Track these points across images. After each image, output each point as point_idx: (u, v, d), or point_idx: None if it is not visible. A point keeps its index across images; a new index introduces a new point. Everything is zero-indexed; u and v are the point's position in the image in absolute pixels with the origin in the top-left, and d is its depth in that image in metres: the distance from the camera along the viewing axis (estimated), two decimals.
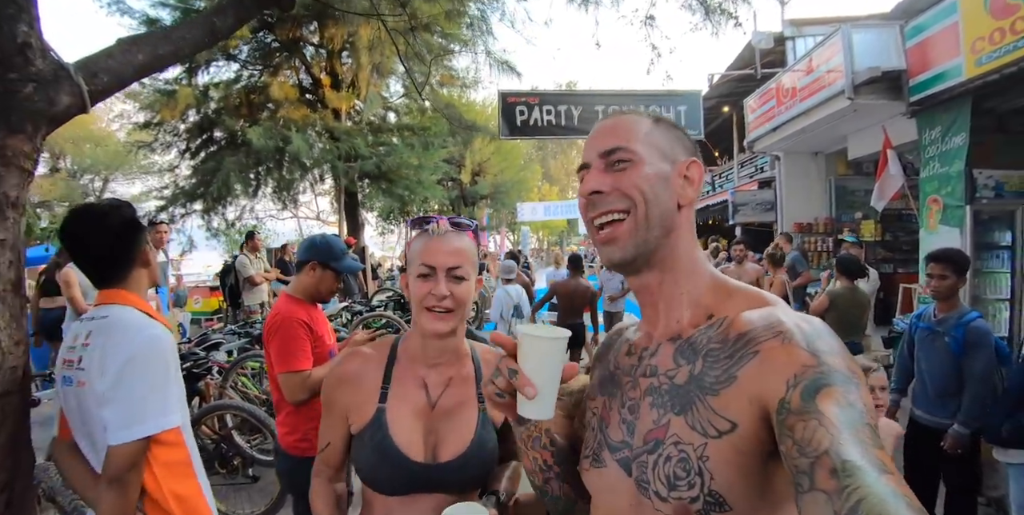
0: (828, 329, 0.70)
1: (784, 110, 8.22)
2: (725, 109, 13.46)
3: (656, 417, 0.76)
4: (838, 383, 0.59)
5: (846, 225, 8.80)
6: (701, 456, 0.68)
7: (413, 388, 1.18)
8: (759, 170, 11.66)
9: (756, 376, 0.67)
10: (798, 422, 0.58)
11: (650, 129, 0.82)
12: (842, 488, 0.49)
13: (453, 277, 1.14)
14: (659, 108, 10.45)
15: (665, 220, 0.79)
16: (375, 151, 10.28)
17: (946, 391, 2.85)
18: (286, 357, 1.99)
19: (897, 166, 6.20)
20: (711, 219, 16.21)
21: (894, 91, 6.28)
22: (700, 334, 0.77)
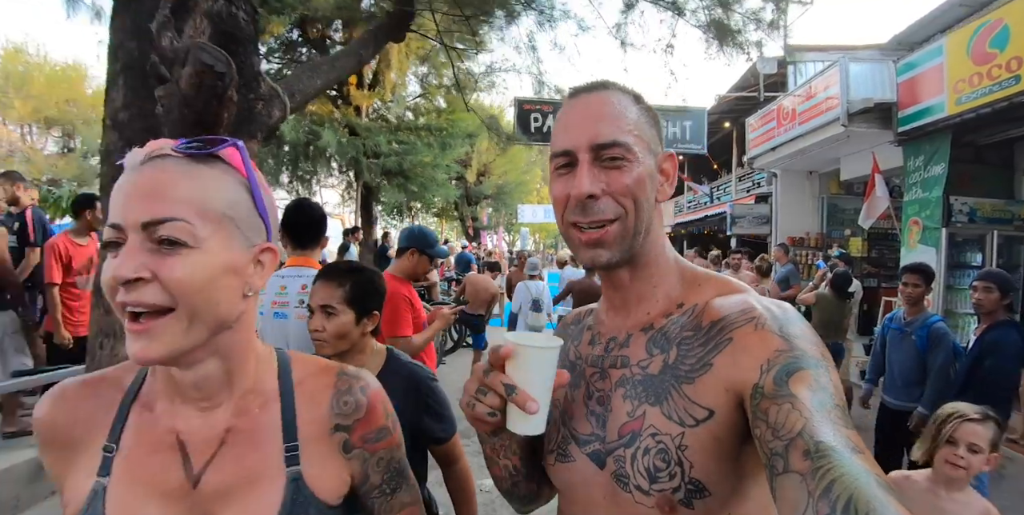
0: (798, 314, 0.71)
1: (783, 131, 8.82)
2: (726, 124, 14.08)
3: (630, 409, 0.74)
4: (810, 367, 0.61)
5: (835, 240, 9.41)
6: (680, 446, 0.68)
7: (158, 452, 0.68)
8: (756, 184, 12.27)
9: (731, 362, 0.67)
10: (772, 406, 0.59)
11: (638, 114, 0.77)
12: (815, 468, 0.50)
13: (160, 240, 0.60)
14: (666, 123, 11.05)
15: (648, 221, 0.78)
16: (394, 149, 10.81)
17: (911, 381, 3.44)
18: (393, 325, 2.54)
19: (884, 189, 6.81)
20: (707, 229, 16.87)
21: (884, 121, 6.89)
22: (672, 323, 0.77)
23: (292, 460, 0.71)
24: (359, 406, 0.78)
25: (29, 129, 18.92)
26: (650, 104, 0.81)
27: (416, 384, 1.54)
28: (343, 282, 1.53)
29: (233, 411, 0.72)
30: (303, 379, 0.77)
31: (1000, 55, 5.11)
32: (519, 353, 0.70)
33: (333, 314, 1.50)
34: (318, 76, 2.06)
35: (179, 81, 1.10)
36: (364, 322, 1.56)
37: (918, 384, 3.38)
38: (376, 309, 1.60)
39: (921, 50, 6.45)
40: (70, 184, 18.23)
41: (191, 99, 1.12)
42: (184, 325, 0.61)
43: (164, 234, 0.59)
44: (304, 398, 0.76)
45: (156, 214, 0.60)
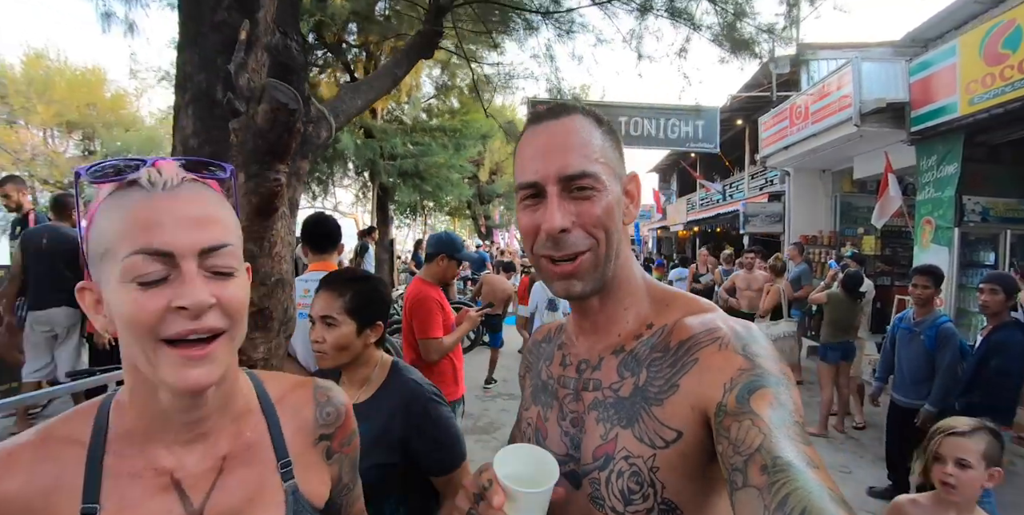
0: (761, 333, 0.73)
1: (796, 131, 8.86)
2: (738, 122, 14.10)
3: (603, 432, 0.76)
4: (771, 385, 0.63)
5: (848, 239, 9.43)
6: (651, 467, 0.70)
7: (151, 496, 0.63)
8: (769, 182, 12.29)
9: (696, 383, 0.69)
10: (733, 423, 0.60)
11: (602, 140, 0.77)
12: (771, 483, 0.52)
13: (215, 272, 0.61)
14: (679, 122, 11.13)
15: (620, 247, 0.78)
16: (410, 150, 11.00)
17: (920, 379, 3.55)
18: (425, 328, 2.70)
19: (897, 189, 6.86)
20: (719, 227, 16.91)
21: (897, 121, 6.93)
22: (642, 345, 0.78)
23: (287, 475, 0.72)
24: (339, 415, 0.83)
25: (51, 133, 19.29)
26: (610, 124, 0.80)
27: (408, 403, 1.40)
28: (343, 292, 1.45)
29: (228, 437, 0.70)
30: (282, 396, 0.78)
31: (1012, 56, 5.15)
32: (513, 496, 0.67)
33: (333, 325, 1.42)
34: (359, 96, 2.21)
35: (255, 116, 1.25)
36: (367, 333, 1.47)
37: (926, 382, 3.49)
38: (380, 319, 1.52)
39: (934, 50, 6.49)
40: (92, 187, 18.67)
41: (265, 132, 1.27)
42: (232, 346, 0.63)
43: (220, 262, 0.60)
44: (288, 414, 0.77)
45: (215, 241, 0.60)
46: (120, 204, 0.59)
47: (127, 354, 0.61)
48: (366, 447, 0.95)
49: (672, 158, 20.28)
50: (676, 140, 11.38)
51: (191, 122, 1.52)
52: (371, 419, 1.32)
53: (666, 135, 11.30)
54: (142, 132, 20.66)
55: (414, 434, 1.37)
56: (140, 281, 0.56)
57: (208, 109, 1.51)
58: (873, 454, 4.60)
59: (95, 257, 0.60)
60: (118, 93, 20.98)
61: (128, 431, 0.64)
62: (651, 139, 11.22)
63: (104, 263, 0.58)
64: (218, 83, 1.51)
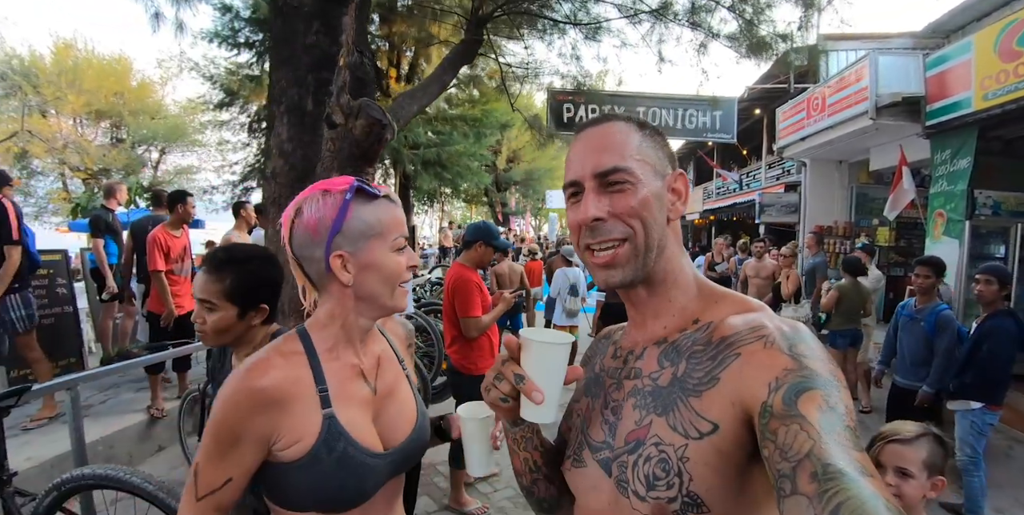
0: (811, 334, 0.71)
1: (813, 122, 8.97)
2: (756, 111, 14.15)
3: (638, 418, 0.76)
4: (819, 386, 0.60)
5: (863, 230, 9.54)
6: (681, 457, 0.69)
7: (351, 380, 1.02)
8: (786, 172, 12.39)
9: (738, 378, 0.68)
10: (780, 426, 0.58)
11: (640, 141, 0.81)
12: (822, 491, 0.50)
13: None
14: (696, 112, 11.28)
15: (660, 240, 0.80)
16: (432, 139, 11.29)
17: (919, 362, 3.81)
18: (466, 307, 3.02)
19: (910, 181, 6.99)
20: (735, 216, 17.02)
21: (913, 114, 7.02)
22: (685, 338, 0.78)
23: (403, 368, 1.16)
24: (411, 331, 1.40)
25: (80, 121, 19.77)
26: (656, 129, 0.85)
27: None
28: (222, 275, 1.40)
29: (374, 345, 1.11)
30: (383, 324, 1.22)
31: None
32: (528, 347, 0.78)
33: (213, 309, 1.39)
34: (415, 102, 2.49)
35: (352, 129, 1.53)
36: (250, 315, 1.43)
37: (925, 365, 3.75)
38: (266, 300, 1.46)
39: (950, 45, 6.60)
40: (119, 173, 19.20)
41: (361, 141, 1.55)
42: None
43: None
44: (392, 334, 1.22)
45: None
46: (382, 208, 0.99)
47: (374, 292, 0.99)
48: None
49: (689, 147, 20.31)
50: (694, 130, 11.55)
51: (285, 129, 1.81)
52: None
53: (684, 125, 11.47)
54: (168, 120, 21.08)
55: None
56: (398, 249, 1.00)
57: (300, 118, 1.80)
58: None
59: (356, 235, 0.96)
60: (144, 82, 21.37)
61: (331, 344, 1.01)
62: (669, 129, 11.38)
63: (369, 240, 0.97)
64: (308, 97, 1.80)
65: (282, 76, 1.80)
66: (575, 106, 11.27)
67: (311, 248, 0.96)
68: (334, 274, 0.96)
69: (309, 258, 0.97)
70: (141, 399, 4.62)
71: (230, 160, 16.24)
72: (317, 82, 1.78)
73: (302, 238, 0.97)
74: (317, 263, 0.97)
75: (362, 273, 0.98)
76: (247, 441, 0.91)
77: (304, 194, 0.98)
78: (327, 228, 0.95)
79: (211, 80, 12.14)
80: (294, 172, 1.82)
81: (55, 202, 19.64)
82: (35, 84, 17.64)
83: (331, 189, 0.96)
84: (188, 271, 4.70)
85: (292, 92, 1.79)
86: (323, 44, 1.76)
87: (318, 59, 1.77)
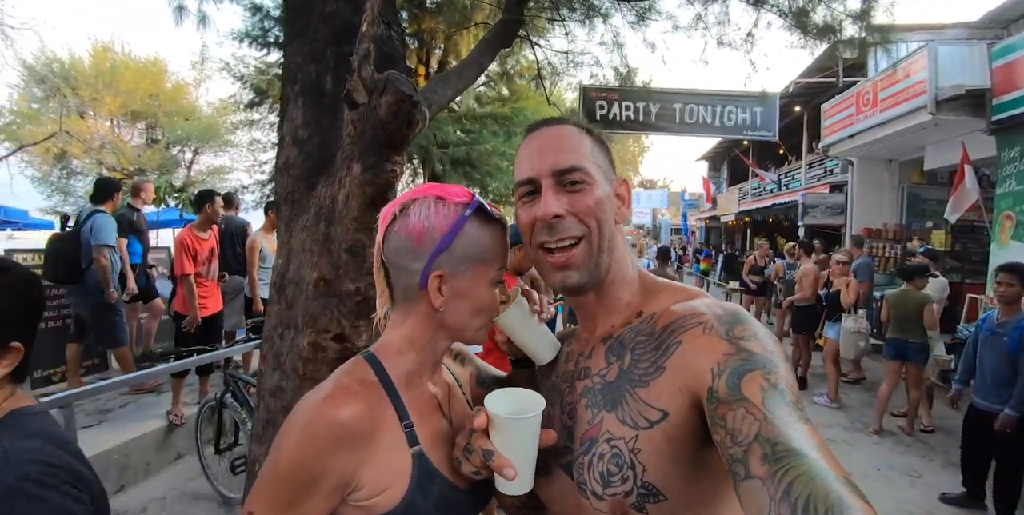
0: (746, 314, 0.73)
1: (863, 118, 8.49)
2: (796, 108, 13.63)
3: (591, 417, 0.77)
4: (759, 367, 0.62)
5: (915, 233, 9.01)
6: (633, 449, 0.70)
7: (431, 412, 0.90)
8: (828, 172, 11.87)
9: (682, 365, 0.69)
10: (727, 411, 0.59)
11: (592, 146, 0.83)
12: (774, 472, 0.51)
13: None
14: (736, 109, 10.83)
15: (611, 241, 0.81)
16: (461, 138, 11.07)
17: (1001, 382, 3.40)
18: None
19: (974, 181, 6.51)
20: (771, 217, 16.43)
21: (976, 108, 6.54)
22: (629, 330, 0.80)
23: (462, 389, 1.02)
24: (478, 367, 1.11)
25: (117, 122, 20.19)
26: (602, 137, 0.86)
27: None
28: None
29: (442, 373, 0.98)
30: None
31: None
32: (497, 422, 0.73)
33: None
34: (448, 87, 2.23)
35: (376, 108, 1.28)
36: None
37: (1008, 386, 3.35)
38: (15, 338, 0.97)
39: (1021, 33, 6.09)
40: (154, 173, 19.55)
41: (387, 123, 1.29)
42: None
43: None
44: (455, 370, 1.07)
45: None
46: (495, 234, 0.87)
47: (460, 323, 0.86)
48: None
49: (724, 146, 19.79)
50: (733, 128, 11.08)
51: (300, 113, 1.57)
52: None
53: (722, 122, 11.01)
54: (202, 121, 21.39)
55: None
56: (497, 282, 0.87)
57: (317, 100, 1.55)
58: (943, 459, 4.44)
59: (462, 257, 0.83)
60: (178, 83, 21.77)
61: (407, 372, 0.87)
62: (707, 127, 10.95)
63: (473, 265, 0.84)
64: (328, 74, 1.56)
65: (297, 50, 1.56)
66: (608, 103, 10.93)
67: (409, 257, 0.84)
68: (426, 293, 0.84)
69: (402, 268, 0.85)
70: (162, 403, 4.48)
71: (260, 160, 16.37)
72: (337, 57, 1.54)
73: (402, 242, 0.84)
74: (410, 276, 0.85)
75: (455, 299, 0.85)
76: (325, 485, 0.76)
77: (413, 194, 0.86)
78: (434, 241, 0.83)
79: (241, 80, 12.19)
80: (310, 162, 1.58)
81: None
82: (74, 86, 18.08)
83: (447, 197, 0.84)
84: (215, 273, 4.58)
85: (308, 69, 1.54)
86: (344, 13, 1.52)
87: (338, 30, 1.52)
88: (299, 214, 1.63)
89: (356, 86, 1.26)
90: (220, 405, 3.42)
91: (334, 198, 1.52)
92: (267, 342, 1.73)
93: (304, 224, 1.60)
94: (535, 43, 4.09)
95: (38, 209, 18.92)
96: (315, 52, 1.54)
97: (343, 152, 1.42)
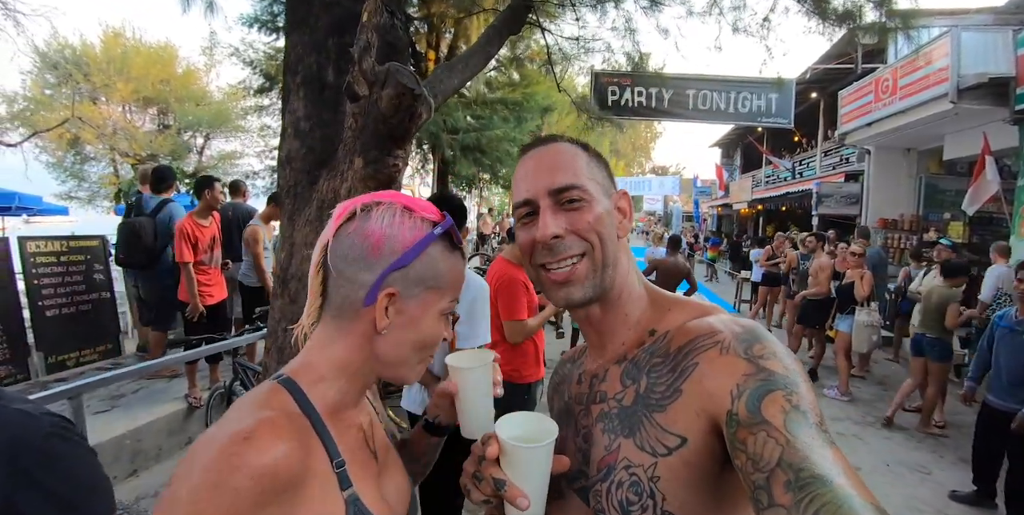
0: (764, 331, 0.71)
1: (882, 106, 8.30)
2: (812, 95, 13.37)
3: (607, 443, 0.75)
4: (780, 387, 0.60)
5: (932, 224, 8.84)
6: (652, 477, 0.68)
7: (359, 448, 0.81)
8: (844, 160, 11.67)
9: (700, 388, 0.67)
10: (748, 435, 0.58)
11: (588, 162, 0.82)
12: (798, 501, 0.50)
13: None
14: (751, 95, 10.66)
15: (615, 256, 0.80)
16: (471, 124, 10.98)
17: (1019, 381, 3.33)
18: (510, 310, 2.71)
19: (994, 172, 6.36)
20: (784, 205, 16.22)
21: (999, 97, 6.37)
22: (643, 352, 0.78)
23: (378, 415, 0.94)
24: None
25: (129, 108, 20.27)
26: (598, 152, 0.85)
27: (13, 444, 0.91)
28: None
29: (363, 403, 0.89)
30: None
31: None
32: (508, 451, 0.69)
33: None
34: (454, 76, 2.18)
35: (378, 101, 1.24)
36: None
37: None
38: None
39: None
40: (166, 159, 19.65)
41: (388, 117, 1.25)
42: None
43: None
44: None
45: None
46: (453, 259, 0.80)
47: (398, 355, 0.77)
48: None
49: (737, 132, 19.51)
50: (747, 114, 10.91)
51: (302, 105, 1.54)
52: None
53: (736, 109, 10.85)
54: (212, 106, 21.44)
55: (22, 488, 0.91)
56: (446, 314, 0.80)
57: (319, 92, 1.52)
58: (954, 455, 4.39)
59: (417, 280, 0.76)
60: (189, 69, 21.79)
61: (334, 402, 0.76)
62: (721, 113, 10.81)
63: (428, 292, 0.77)
64: (329, 65, 1.52)
65: (298, 41, 1.52)
66: (620, 89, 10.80)
67: (359, 266, 0.74)
68: (370, 311, 0.74)
69: (347, 277, 0.74)
70: (175, 389, 4.53)
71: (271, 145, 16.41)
72: (339, 48, 1.50)
73: (354, 248, 0.74)
74: (355, 288, 0.74)
75: (400, 326, 0.76)
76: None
77: (379, 196, 0.77)
78: (394, 253, 0.74)
79: (251, 65, 12.16)
80: (312, 155, 1.54)
81: (106, 186, 20.25)
82: (85, 72, 18.16)
83: (416, 210, 0.77)
84: (218, 260, 4.56)
85: (310, 60, 1.51)
86: (345, 1, 1.46)
87: (340, 20, 1.48)
88: (302, 208, 1.60)
89: (357, 78, 1.23)
90: (229, 393, 3.44)
91: (336, 192, 1.49)
92: (271, 336, 1.72)
93: (307, 218, 1.58)
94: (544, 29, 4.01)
95: (52, 195, 19.11)
96: (316, 42, 1.51)
97: (345, 145, 1.39)
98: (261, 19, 10.53)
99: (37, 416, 0.95)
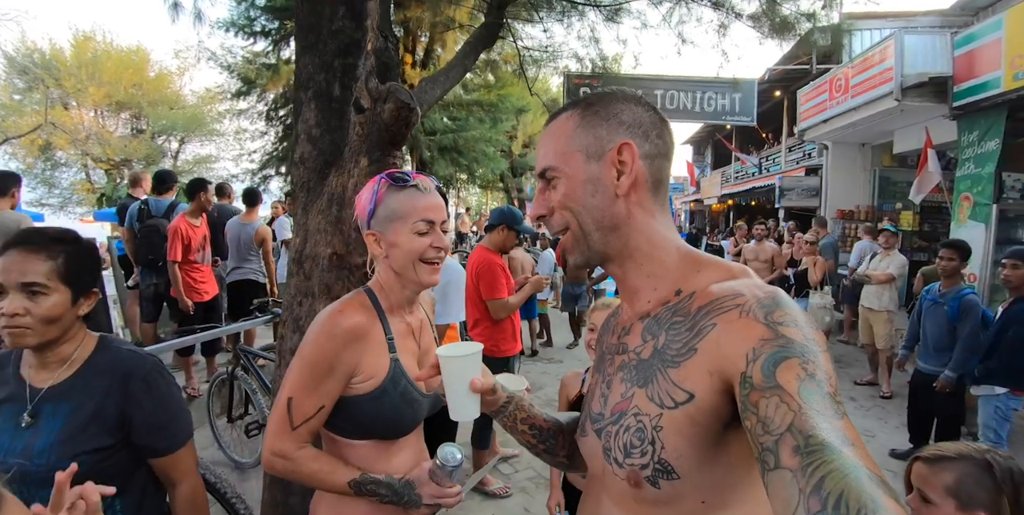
0: (786, 298, 0.71)
1: (835, 104, 8.79)
2: (776, 93, 13.88)
3: (624, 390, 0.80)
4: (797, 354, 0.60)
5: (886, 214, 9.38)
6: (655, 426, 0.72)
7: (406, 335, 1.24)
8: (807, 155, 12.18)
9: (715, 348, 0.68)
10: (761, 398, 0.59)
11: (575, 128, 0.82)
12: (805, 465, 0.50)
13: (443, 230, 1.21)
14: (715, 95, 11.11)
15: (604, 221, 0.82)
16: (448, 125, 11.29)
17: (942, 347, 3.78)
18: (492, 290, 3.06)
19: (936, 164, 6.85)
20: (754, 200, 16.82)
21: (939, 95, 6.84)
22: (666, 310, 0.80)
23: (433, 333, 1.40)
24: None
25: (101, 113, 20.06)
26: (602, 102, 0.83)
27: (127, 376, 1.26)
28: (54, 253, 1.20)
29: (418, 311, 1.33)
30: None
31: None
32: (440, 364, 0.96)
33: (42, 293, 1.17)
34: (437, 87, 2.50)
35: (381, 113, 1.56)
36: (81, 302, 1.26)
37: (948, 350, 3.72)
38: (94, 286, 1.30)
39: (980, 23, 6.42)
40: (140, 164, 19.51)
41: (389, 125, 1.57)
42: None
43: (445, 228, 1.22)
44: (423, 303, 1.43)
45: (441, 217, 1.21)
46: (407, 196, 1.16)
47: (400, 266, 1.17)
48: (76, 431, 1.18)
49: (707, 130, 20.06)
50: (712, 113, 11.38)
51: (313, 115, 1.85)
52: (79, 399, 1.22)
53: (702, 108, 11.31)
54: (186, 110, 21.33)
55: (135, 410, 1.25)
56: (418, 232, 1.15)
57: (327, 104, 1.83)
58: (898, 421, 4.84)
59: (384, 219, 1.15)
60: (162, 73, 21.59)
61: (390, 304, 1.23)
62: (687, 112, 11.24)
63: (394, 222, 1.15)
64: (335, 82, 1.83)
65: (308, 62, 1.82)
66: (592, 89, 11.12)
67: (360, 227, 1.20)
68: (375, 248, 1.19)
69: (362, 236, 1.20)
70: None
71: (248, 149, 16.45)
72: (343, 67, 1.80)
73: (357, 217, 1.21)
74: (367, 241, 1.20)
75: (390, 250, 1.17)
76: (339, 371, 1.10)
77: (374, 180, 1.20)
78: (365, 210, 1.18)
79: (228, 69, 12.22)
80: (322, 157, 1.86)
81: (79, 193, 20.00)
82: (56, 77, 17.93)
83: (375, 179, 1.18)
84: (209, 258, 4.82)
85: (319, 78, 1.81)
86: (348, 29, 1.78)
87: (344, 45, 1.79)
88: (314, 200, 1.92)
89: (363, 95, 1.54)
90: (231, 378, 3.71)
91: (344, 186, 1.82)
92: (287, 309, 2.03)
93: (319, 208, 1.89)
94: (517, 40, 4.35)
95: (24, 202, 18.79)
96: (324, 63, 1.82)
97: (351, 148, 1.70)
98: (238, 23, 10.62)
99: (143, 356, 1.34)
